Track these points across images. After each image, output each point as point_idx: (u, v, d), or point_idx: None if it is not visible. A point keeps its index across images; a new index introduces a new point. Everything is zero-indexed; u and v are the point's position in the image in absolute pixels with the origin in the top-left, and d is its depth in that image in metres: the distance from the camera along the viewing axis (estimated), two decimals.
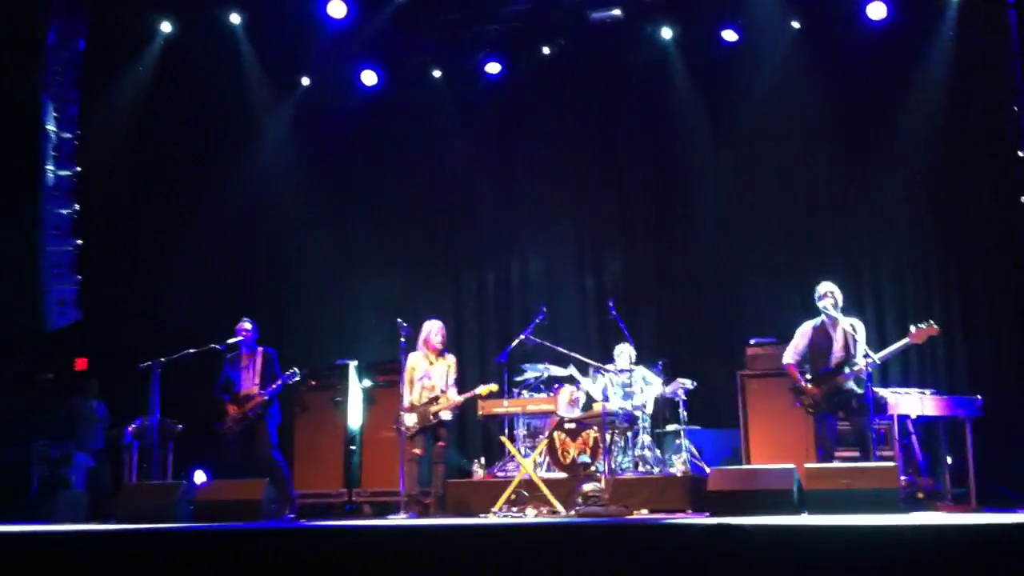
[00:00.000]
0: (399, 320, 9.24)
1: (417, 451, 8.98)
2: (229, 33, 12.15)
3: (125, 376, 9.97)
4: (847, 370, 8.18)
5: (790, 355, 8.53)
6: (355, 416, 11.00)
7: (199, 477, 10.47)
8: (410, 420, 9.01)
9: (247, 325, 9.59)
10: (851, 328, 8.30)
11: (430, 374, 9.12)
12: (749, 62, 11.55)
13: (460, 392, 9.19)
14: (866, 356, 8.07)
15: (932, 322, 8.03)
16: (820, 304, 8.39)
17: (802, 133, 11.45)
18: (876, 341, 8.25)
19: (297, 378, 9.53)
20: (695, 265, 11.70)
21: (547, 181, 12.46)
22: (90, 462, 10.50)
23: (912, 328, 8.06)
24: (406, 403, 9.09)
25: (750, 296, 11.14)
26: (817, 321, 8.48)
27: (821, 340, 8.38)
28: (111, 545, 6.39)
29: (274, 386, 9.37)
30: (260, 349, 9.60)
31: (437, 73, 12.57)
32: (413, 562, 5.85)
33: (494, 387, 9.17)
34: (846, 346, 8.26)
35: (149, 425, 9.31)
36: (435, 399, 9.04)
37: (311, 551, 6.12)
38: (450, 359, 9.27)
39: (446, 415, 9.05)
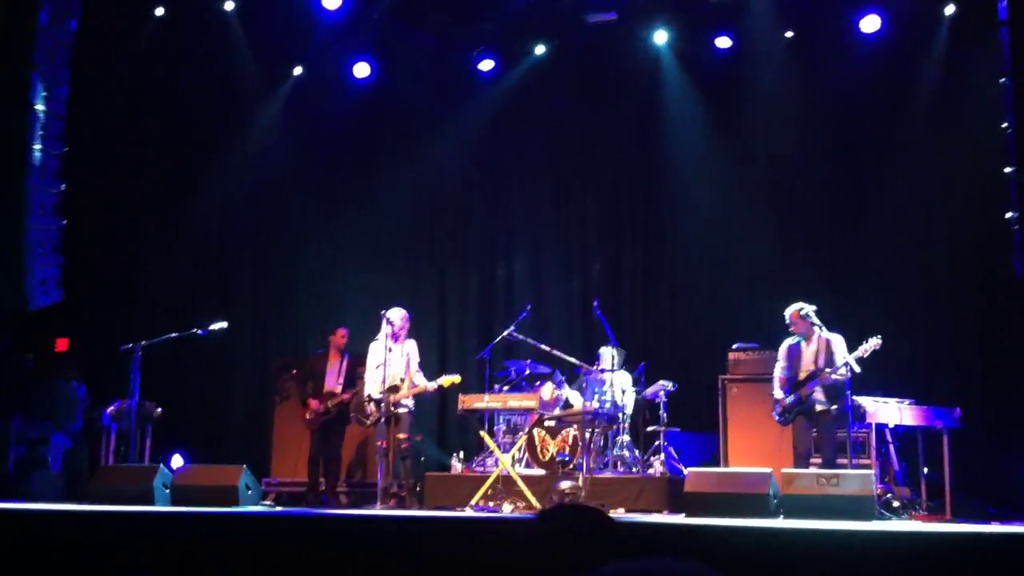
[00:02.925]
0: (383, 312, 9.20)
1: (380, 443, 8.91)
2: (222, 19, 12.12)
3: (106, 358, 9.95)
4: (814, 380, 8.42)
5: (777, 369, 8.85)
6: None
7: (176, 461, 10.44)
8: (369, 410, 8.99)
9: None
10: (827, 341, 8.52)
11: (388, 362, 8.94)
12: (742, 69, 11.62)
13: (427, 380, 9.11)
14: (845, 365, 8.20)
15: (878, 337, 8.23)
16: (793, 327, 8.69)
17: (792, 141, 11.51)
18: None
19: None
20: (681, 268, 11.76)
21: (536, 180, 12.46)
22: (67, 443, 10.44)
23: (869, 340, 8.26)
24: (364, 393, 9.08)
25: (734, 301, 11.16)
26: (795, 336, 8.77)
27: (795, 352, 8.71)
28: (85, 525, 6.39)
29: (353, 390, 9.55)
30: (347, 353, 9.85)
31: (430, 68, 12.55)
32: (388, 553, 5.86)
33: (456, 378, 9.07)
34: (816, 359, 8.51)
35: (128, 408, 9.28)
36: (394, 388, 8.91)
37: (287, 538, 6.13)
38: (409, 345, 9.12)
39: (406, 402, 8.96)
